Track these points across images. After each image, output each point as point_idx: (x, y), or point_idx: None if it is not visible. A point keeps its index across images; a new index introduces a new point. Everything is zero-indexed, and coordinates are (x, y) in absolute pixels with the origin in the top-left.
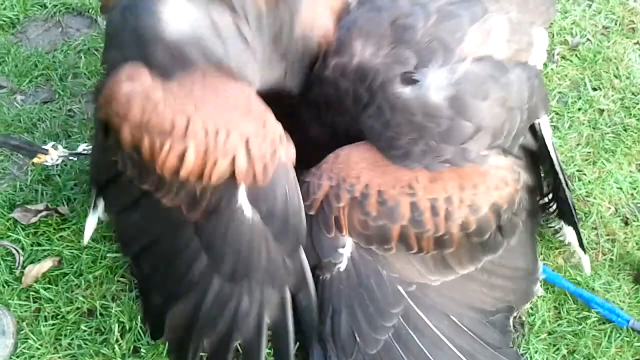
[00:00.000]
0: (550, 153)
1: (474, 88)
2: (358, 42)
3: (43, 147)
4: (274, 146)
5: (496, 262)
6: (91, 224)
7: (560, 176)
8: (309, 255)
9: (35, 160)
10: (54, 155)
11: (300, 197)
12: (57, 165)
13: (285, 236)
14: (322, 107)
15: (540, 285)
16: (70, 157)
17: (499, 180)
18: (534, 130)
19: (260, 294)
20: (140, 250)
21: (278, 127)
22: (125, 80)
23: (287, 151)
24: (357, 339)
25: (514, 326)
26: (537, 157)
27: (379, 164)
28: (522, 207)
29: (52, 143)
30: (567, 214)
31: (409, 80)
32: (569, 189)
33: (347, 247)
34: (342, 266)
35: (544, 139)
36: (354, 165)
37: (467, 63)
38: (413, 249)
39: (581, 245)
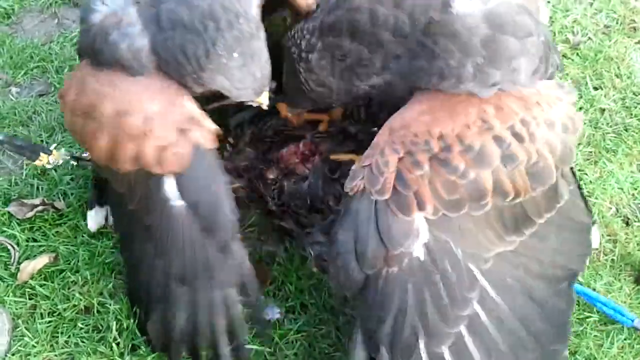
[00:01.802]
0: None
1: (510, 11)
2: None
3: (47, 148)
4: (184, 127)
5: (564, 212)
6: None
7: None
8: (376, 253)
9: (36, 162)
10: (58, 156)
11: (225, 184)
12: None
13: (214, 228)
14: (345, 34)
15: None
16: (72, 161)
17: (554, 98)
18: None
19: (206, 296)
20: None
21: (191, 108)
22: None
23: (206, 134)
24: (421, 338)
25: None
26: None
27: (438, 109)
28: (573, 145)
29: (55, 145)
30: None
31: (445, 6)
32: None
33: (422, 230)
34: (419, 254)
35: None
36: (418, 122)
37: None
38: (510, 195)
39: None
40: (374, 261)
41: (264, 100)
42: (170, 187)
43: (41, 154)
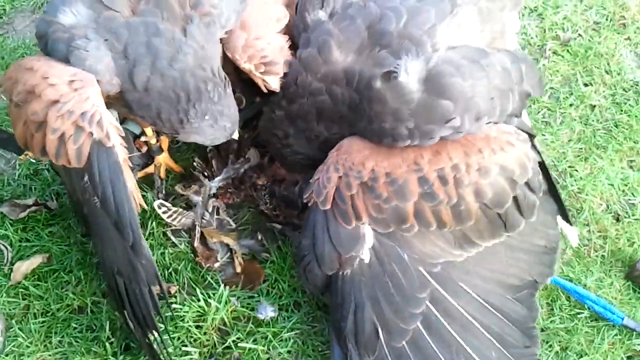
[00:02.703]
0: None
1: (450, 69)
2: (339, 51)
3: None
4: (81, 123)
5: (517, 238)
6: None
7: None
8: (330, 257)
9: (22, 157)
10: None
11: (127, 187)
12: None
13: (123, 227)
14: (312, 117)
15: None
16: None
17: (504, 143)
18: None
19: (137, 290)
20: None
21: (90, 102)
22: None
23: (104, 133)
24: (381, 333)
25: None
26: None
27: (381, 149)
28: (537, 182)
29: None
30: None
31: (387, 76)
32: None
33: (367, 237)
34: (365, 257)
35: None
36: (358, 154)
37: (441, 51)
38: (432, 225)
39: (565, 217)
40: (331, 263)
41: (234, 136)
42: (87, 180)
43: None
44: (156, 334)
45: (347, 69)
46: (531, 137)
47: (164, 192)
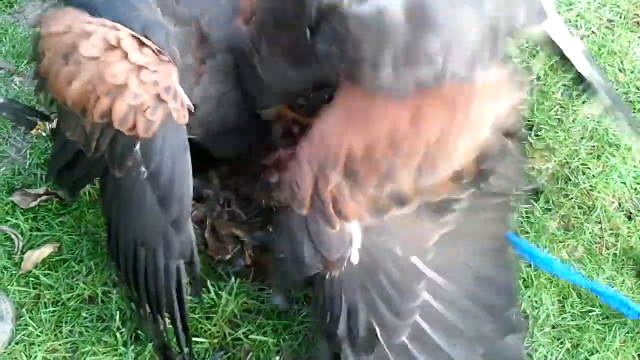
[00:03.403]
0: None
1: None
2: None
3: (47, 115)
4: (159, 97)
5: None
6: None
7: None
8: (314, 261)
9: (33, 131)
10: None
11: (189, 165)
12: None
13: (170, 202)
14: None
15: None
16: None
17: (495, 92)
18: None
19: (164, 263)
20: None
21: (171, 81)
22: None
23: (179, 110)
24: (378, 332)
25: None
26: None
27: (352, 116)
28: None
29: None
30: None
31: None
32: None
33: (355, 236)
34: (355, 259)
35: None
36: (331, 137)
37: None
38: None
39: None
40: (312, 267)
41: None
42: (138, 150)
43: (39, 122)
44: (167, 321)
45: None
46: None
47: None
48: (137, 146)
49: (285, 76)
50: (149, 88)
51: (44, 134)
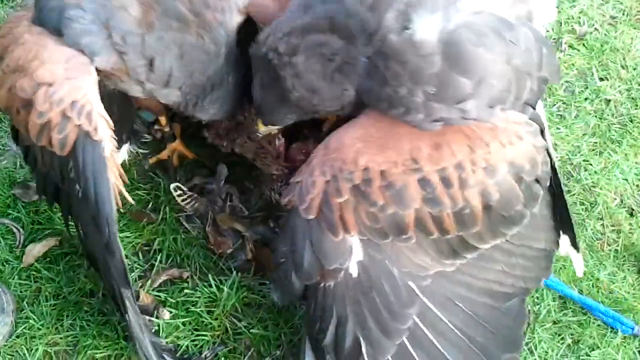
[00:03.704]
0: (550, 150)
1: (472, 37)
2: None
3: None
4: (69, 113)
5: (517, 240)
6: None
7: (560, 176)
8: (312, 268)
9: None
10: None
11: (110, 182)
12: None
13: (100, 223)
14: (325, 27)
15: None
16: None
17: (513, 135)
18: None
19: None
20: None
21: (82, 91)
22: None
23: (93, 126)
24: (364, 347)
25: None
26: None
27: (375, 137)
28: (545, 173)
29: None
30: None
31: (400, 29)
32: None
33: (355, 249)
34: (352, 271)
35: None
36: (348, 149)
37: (464, 13)
38: (433, 234)
39: (574, 245)
40: (311, 274)
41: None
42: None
43: None
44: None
45: None
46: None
47: (176, 178)
48: (70, 164)
49: (319, 94)
50: (53, 106)
51: None
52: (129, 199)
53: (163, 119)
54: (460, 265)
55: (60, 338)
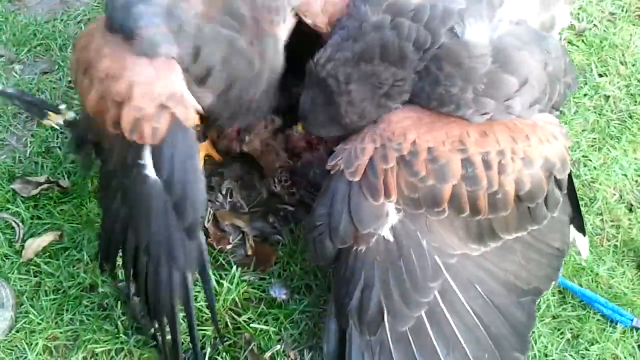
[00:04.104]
0: None
1: (517, 43)
2: None
3: (57, 107)
4: (165, 101)
5: (537, 235)
6: None
7: None
8: (346, 231)
9: (45, 122)
10: (68, 115)
11: (199, 168)
12: (58, 137)
13: (183, 208)
14: (375, 55)
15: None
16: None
17: (549, 134)
18: None
19: (167, 275)
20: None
21: (178, 84)
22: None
23: (187, 113)
24: (386, 315)
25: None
26: None
27: (425, 120)
28: (565, 179)
29: (64, 105)
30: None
31: (453, 31)
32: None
33: (391, 215)
34: (385, 235)
35: None
36: (399, 124)
37: (506, 23)
38: (465, 211)
39: (581, 228)
40: (345, 238)
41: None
42: (148, 157)
43: (50, 113)
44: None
45: (417, 3)
46: None
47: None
48: (146, 153)
49: (366, 119)
50: (150, 99)
51: (54, 124)
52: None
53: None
54: (484, 252)
55: (60, 332)
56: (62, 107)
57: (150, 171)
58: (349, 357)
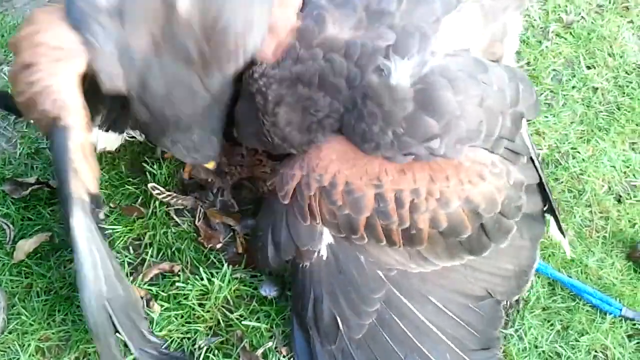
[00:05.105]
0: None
1: (444, 82)
2: (334, 25)
3: None
4: (41, 97)
5: (481, 261)
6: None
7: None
8: (288, 246)
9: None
10: None
11: (70, 165)
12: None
13: (61, 194)
14: (314, 83)
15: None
16: None
17: (474, 175)
18: None
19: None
20: None
21: (63, 81)
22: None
23: (65, 114)
24: (340, 325)
25: (508, 304)
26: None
27: (349, 156)
28: (514, 208)
29: None
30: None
31: (379, 70)
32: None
33: (324, 234)
34: (323, 253)
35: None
36: (324, 157)
37: (439, 57)
38: (382, 241)
39: (560, 229)
40: (288, 251)
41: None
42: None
43: None
44: None
45: (347, 40)
46: (531, 159)
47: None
48: None
49: (290, 143)
50: (30, 87)
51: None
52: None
53: None
54: (422, 271)
55: (52, 333)
56: None
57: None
58: None
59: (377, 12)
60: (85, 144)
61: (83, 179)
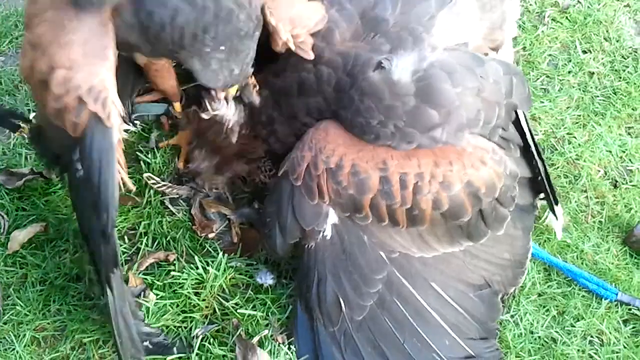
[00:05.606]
0: (526, 134)
1: (443, 75)
2: (335, 33)
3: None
4: (85, 97)
5: (479, 248)
6: None
7: (534, 151)
8: (293, 228)
9: (17, 134)
10: None
11: (115, 170)
12: None
13: (99, 207)
14: (293, 92)
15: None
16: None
17: (476, 160)
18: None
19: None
20: None
21: (104, 80)
22: None
23: (106, 113)
24: (343, 306)
25: (503, 296)
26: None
27: (355, 142)
28: (509, 198)
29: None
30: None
31: (378, 66)
32: (542, 160)
33: (330, 214)
34: (327, 233)
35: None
36: (332, 139)
37: (437, 52)
38: (384, 221)
39: (552, 210)
40: (294, 233)
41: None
42: (76, 149)
43: (22, 125)
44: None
45: (341, 51)
46: (521, 148)
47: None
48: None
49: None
50: (70, 91)
51: (26, 136)
52: (130, 185)
53: (178, 105)
54: (423, 256)
55: (48, 323)
56: (32, 115)
57: (78, 164)
58: (319, 348)
59: (372, 19)
60: (121, 145)
61: (124, 178)
